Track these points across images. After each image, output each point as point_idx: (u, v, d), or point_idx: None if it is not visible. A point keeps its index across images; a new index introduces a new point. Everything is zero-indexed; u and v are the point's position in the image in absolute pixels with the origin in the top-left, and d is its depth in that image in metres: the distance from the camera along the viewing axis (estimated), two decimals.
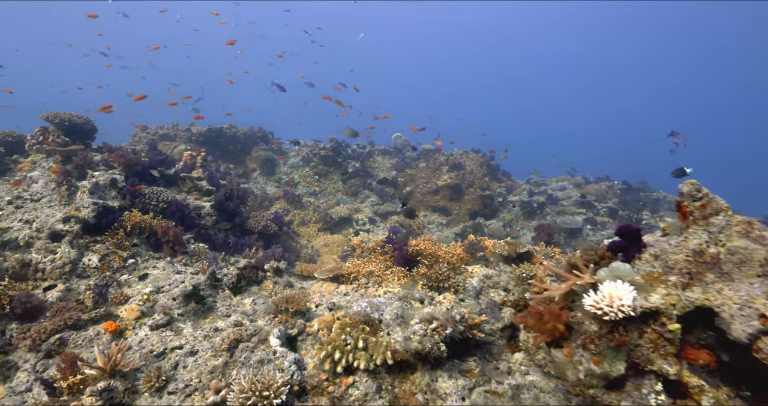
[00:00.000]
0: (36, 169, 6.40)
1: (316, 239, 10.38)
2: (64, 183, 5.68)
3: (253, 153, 14.00)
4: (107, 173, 6.22)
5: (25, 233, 5.12)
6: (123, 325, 4.21)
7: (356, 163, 14.22)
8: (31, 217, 5.32)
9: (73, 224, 5.27)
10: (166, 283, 4.92)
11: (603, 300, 2.24)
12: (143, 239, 5.77)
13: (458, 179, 13.06)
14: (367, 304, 4.11)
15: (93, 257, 5.20)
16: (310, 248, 9.52)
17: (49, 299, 4.65)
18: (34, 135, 6.64)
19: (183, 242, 5.93)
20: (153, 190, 6.53)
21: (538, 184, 14.98)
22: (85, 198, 5.60)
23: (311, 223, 11.11)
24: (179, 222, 6.58)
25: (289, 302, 4.31)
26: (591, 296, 2.33)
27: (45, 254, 5.03)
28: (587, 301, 2.33)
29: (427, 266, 4.77)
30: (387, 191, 13.27)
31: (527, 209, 12.19)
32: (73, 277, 5.03)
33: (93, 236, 5.39)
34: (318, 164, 13.88)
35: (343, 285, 4.94)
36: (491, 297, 4.50)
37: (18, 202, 5.57)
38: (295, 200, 12.11)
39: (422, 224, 11.49)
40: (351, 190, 13.14)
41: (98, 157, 6.70)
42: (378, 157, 15.77)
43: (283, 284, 5.36)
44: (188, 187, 7.55)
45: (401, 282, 4.63)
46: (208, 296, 4.90)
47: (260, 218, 8.30)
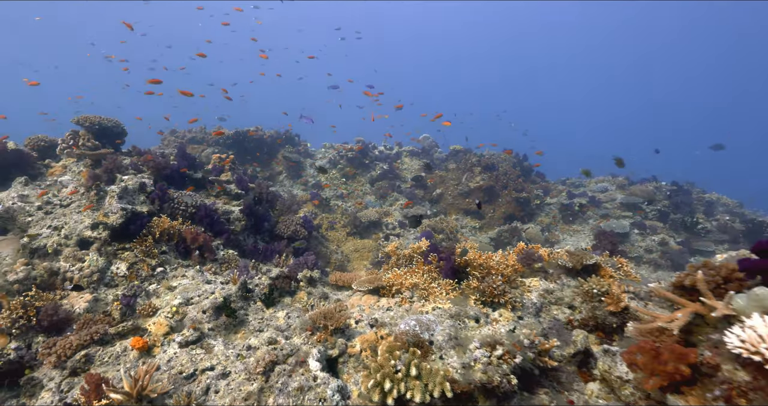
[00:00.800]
0: (66, 173, 6.28)
1: (345, 243, 10.01)
2: (93, 188, 5.49)
3: (279, 156, 13.81)
4: (136, 177, 6.02)
5: (54, 239, 4.93)
6: (151, 341, 3.90)
7: (384, 165, 13.80)
8: (60, 223, 5.14)
9: (101, 230, 5.05)
10: (196, 294, 4.61)
11: (760, 341, 1.69)
12: (172, 246, 5.51)
13: (491, 181, 12.43)
14: (415, 322, 3.64)
15: (121, 266, 4.97)
16: (340, 254, 9.15)
17: (77, 310, 4.42)
18: (65, 139, 6.54)
19: (212, 249, 5.64)
20: (182, 194, 6.29)
21: (577, 186, 14.13)
22: (114, 203, 5.39)
23: (340, 227, 10.75)
24: (208, 228, 6.31)
25: (328, 319, 3.89)
26: (736, 334, 1.79)
27: (73, 262, 4.82)
28: (731, 340, 1.79)
29: (478, 278, 4.26)
30: (417, 194, 12.77)
31: (567, 212, 11.42)
32: (101, 286, 4.80)
33: (121, 243, 5.16)
34: (345, 166, 13.54)
35: (384, 298, 4.49)
36: (554, 315, 3.94)
37: (47, 207, 5.42)
38: (322, 204, 11.80)
39: (455, 228, 10.93)
40: (379, 192, 12.73)
41: (127, 160, 6.54)
42: (406, 158, 15.31)
43: (317, 296, 4.97)
44: (217, 191, 7.31)
45: (450, 297, 4.14)
46: (239, 308, 4.56)
47: (289, 222, 7.98)
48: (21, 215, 5.29)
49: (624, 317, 3.54)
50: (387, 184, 13.05)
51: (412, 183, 13.33)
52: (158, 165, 6.38)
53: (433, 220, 11.39)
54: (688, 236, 9.83)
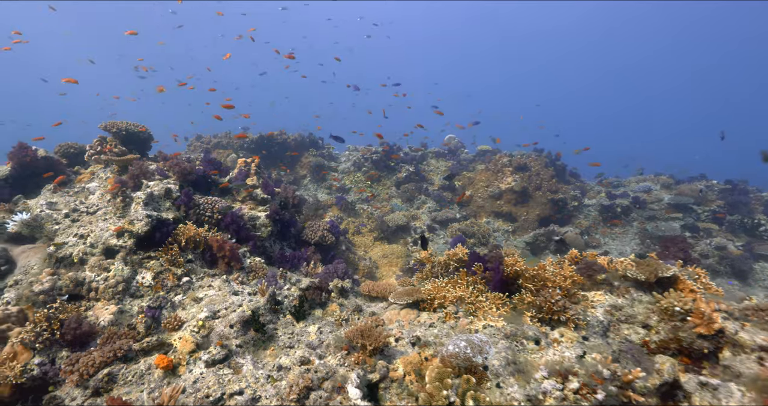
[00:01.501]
0: (94, 179, 6.19)
1: (372, 249, 9.64)
2: (119, 194, 5.33)
3: (303, 159, 13.62)
4: (162, 183, 5.84)
5: (80, 248, 4.77)
6: (176, 359, 3.62)
7: (410, 167, 13.39)
8: (86, 231, 4.98)
9: (126, 238, 4.86)
10: (223, 306, 4.33)
11: None
12: (198, 255, 5.28)
13: (524, 182, 11.80)
14: (466, 343, 3.20)
15: (147, 275, 4.75)
16: (368, 260, 8.78)
17: (101, 322, 4.22)
18: (93, 145, 6.46)
19: (239, 258, 5.37)
20: (208, 200, 6.08)
21: (615, 186, 13.28)
22: (140, 210, 5.21)
23: (366, 231, 10.39)
24: (234, 234, 6.07)
25: (366, 337, 3.51)
26: None
27: (98, 272, 4.64)
28: None
29: (532, 291, 3.77)
30: (445, 196, 12.29)
31: (608, 214, 10.66)
32: (126, 297, 4.59)
33: (147, 252, 4.96)
34: (370, 169, 13.22)
35: (425, 313, 4.07)
36: (625, 335, 3.42)
37: (74, 215, 5.29)
38: (348, 208, 11.49)
39: (487, 232, 10.38)
40: (405, 195, 12.31)
41: (153, 166, 6.39)
42: (432, 160, 14.84)
43: (351, 308, 4.59)
44: (243, 196, 7.08)
45: (501, 313, 3.67)
46: (268, 322, 4.24)
47: (316, 227, 7.68)
48: (48, 222, 5.18)
49: (718, 341, 2.98)
50: (413, 187, 12.62)
51: (440, 185, 12.86)
52: (183, 170, 6.20)
53: (463, 223, 10.88)
54: (750, 239, 8.94)
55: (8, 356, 3.81)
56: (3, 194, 5.58)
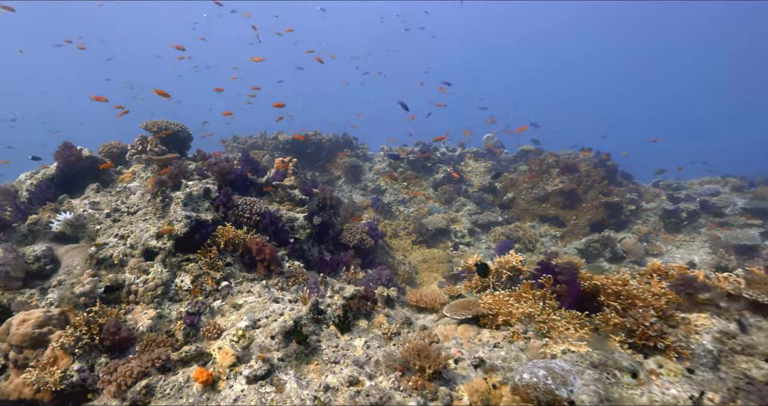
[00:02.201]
0: (135, 179, 6.13)
1: (411, 253, 9.20)
2: (159, 194, 5.20)
3: (338, 160, 13.40)
4: (201, 183, 5.68)
5: (120, 250, 4.64)
6: (215, 372, 3.34)
7: (447, 168, 12.85)
8: (126, 232, 4.86)
9: (165, 240, 4.69)
10: (263, 315, 4.04)
11: None
12: (237, 258, 5.05)
13: (573, 183, 10.98)
14: (545, 371, 2.70)
15: (185, 278, 4.55)
16: (408, 265, 8.35)
17: (140, 327, 4.03)
18: (134, 145, 6.43)
19: (279, 261, 5.10)
20: (246, 200, 5.87)
21: (675, 188, 12.15)
22: (179, 211, 5.04)
23: (404, 234, 9.97)
24: (273, 236, 5.82)
25: (423, 357, 3.08)
26: None
27: (138, 275, 4.48)
28: None
29: (618, 311, 3.21)
30: (486, 198, 11.67)
31: (671, 219, 9.68)
32: (165, 300, 4.40)
33: (185, 254, 4.77)
34: (406, 170, 12.80)
35: (486, 330, 3.59)
36: (743, 370, 2.79)
37: (115, 215, 5.20)
38: (384, 209, 11.11)
39: (533, 237, 9.69)
40: (444, 197, 11.79)
41: (192, 165, 6.27)
42: (470, 160, 14.23)
43: (399, 321, 4.18)
44: (281, 196, 6.85)
45: (581, 335, 3.13)
46: (310, 333, 3.91)
47: (355, 230, 7.34)
48: (91, 222, 5.11)
49: None
50: (452, 188, 12.08)
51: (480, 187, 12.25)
52: (222, 169, 6.03)
53: (506, 227, 10.24)
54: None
55: (49, 360, 3.68)
56: (49, 194, 5.59)
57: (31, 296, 4.70)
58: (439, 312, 4.44)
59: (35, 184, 5.72)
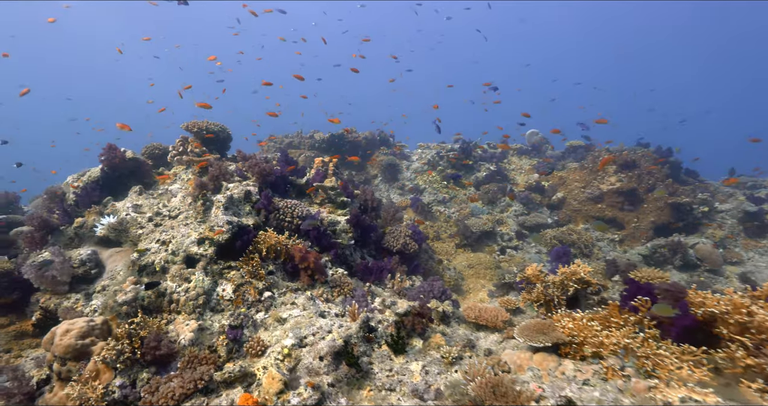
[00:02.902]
0: (176, 181, 6.00)
1: (455, 257, 8.67)
2: (199, 197, 4.99)
3: (374, 158, 13.02)
4: (241, 185, 5.44)
5: (161, 256, 4.46)
6: (261, 399, 3.02)
7: (490, 166, 12.16)
8: (168, 237, 4.68)
9: (207, 246, 4.46)
10: (310, 331, 3.69)
11: None
12: (279, 265, 4.75)
13: (632, 182, 10.00)
14: None
15: (227, 287, 4.30)
16: (453, 270, 7.83)
17: (181, 341, 3.80)
18: (175, 146, 6.31)
19: (323, 270, 4.76)
20: (287, 203, 5.58)
21: (752, 187, 10.83)
22: (220, 215, 4.81)
23: (446, 237, 9.45)
24: (315, 241, 5.50)
25: (500, 395, 2.59)
26: None
27: (179, 283, 4.27)
28: None
29: (748, 348, 2.58)
30: (533, 198, 10.89)
31: (753, 222, 8.56)
32: (207, 311, 4.17)
33: (227, 261, 4.52)
34: (446, 168, 12.22)
35: (569, 361, 3.04)
36: None
37: (157, 219, 5.04)
38: (423, 210, 10.62)
39: (590, 241, 8.87)
40: (487, 197, 11.13)
41: (232, 166, 6.06)
42: (513, 157, 13.43)
43: (460, 343, 3.71)
44: (321, 198, 6.54)
45: (700, 377, 2.53)
46: (362, 354, 3.52)
47: (398, 234, 6.91)
48: (133, 226, 4.99)
49: None
50: (496, 188, 11.38)
51: (527, 186, 11.47)
52: (263, 171, 5.77)
53: (558, 230, 9.46)
54: None
55: (91, 374, 3.51)
56: (94, 196, 5.54)
57: (76, 302, 4.62)
58: (503, 332, 3.93)
59: (81, 186, 5.70)
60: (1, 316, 4.70)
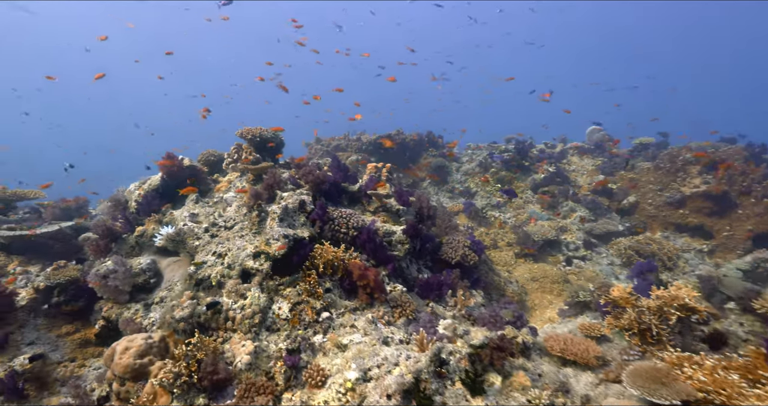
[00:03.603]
0: (231, 189, 5.90)
1: (516, 268, 8.00)
2: (254, 208, 4.80)
3: (422, 160, 12.53)
4: (296, 194, 5.20)
5: (217, 270, 4.29)
6: None
7: (548, 167, 11.25)
8: (224, 249, 4.52)
9: (263, 261, 4.23)
10: (374, 362, 3.32)
11: None
12: (336, 282, 4.44)
13: (723, 184, 8.74)
14: None
15: (283, 305, 4.04)
16: (515, 284, 7.19)
17: (238, 365, 3.58)
18: (230, 153, 6.23)
19: (383, 288, 4.38)
20: (342, 213, 5.27)
21: None
22: (275, 227, 4.58)
23: (503, 245, 8.77)
24: (371, 254, 5.15)
25: None
26: None
27: (235, 299, 4.08)
28: None
29: None
30: (601, 202, 9.90)
31: None
32: (262, 330, 3.93)
33: (283, 276, 4.28)
34: (499, 170, 11.47)
35: None
36: None
37: (213, 230, 4.92)
38: (477, 215, 9.99)
39: (673, 252, 7.82)
40: (546, 201, 10.28)
41: (286, 174, 5.86)
42: (573, 157, 12.39)
43: (551, 386, 3.17)
44: (375, 206, 6.18)
45: None
46: (433, 392, 3.09)
47: (456, 244, 6.40)
48: (190, 237, 4.90)
49: None
50: (556, 191, 10.49)
51: (591, 188, 10.46)
52: (317, 179, 5.51)
53: (632, 239, 8.46)
54: None
55: (148, 397, 3.37)
56: (154, 205, 5.56)
57: (135, 312, 4.59)
58: (598, 371, 3.32)
59: (142, 194, 5.75)
60: (68, 323, 4.78)
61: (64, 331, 4.66)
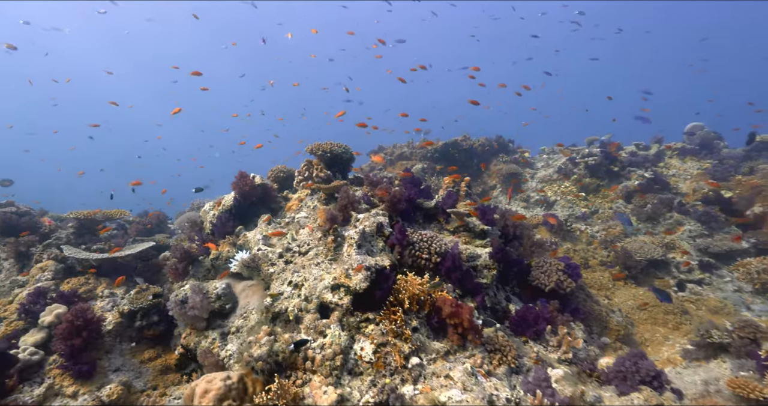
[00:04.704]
0: (302, 209, 5.64)
1: (614, 293, 6.90)
2: (330, 232, 4.44)
3: (493, 167, 11.65)
4: (372, 216, 4.77)
5: (294, 302, 3.97)
6: None
7: (644, 172, 9.82)
8: (300, 279, 4.19)
9: (342, 294, 3.83)
10: None
11: None
12: (423, 320, 3.91)
13: None
14: None
15: (366, 346, 3.59)
16: (619, 314, 6.15)
17: None
18: (300, 171, 5.99)
19: (478, 329, 3.76)
20: (422, 236, 4.74)
21: None
22: (353, 255, 4.17)
23: (596, 264, 7.68)
24: (456, 284, 4.55)
25: None
26: None
27: (314, 336, 3.71)
28: None
29: None
30: (716, 214, 8.34)
31: None
32: (344, 374, 3.51)
33: (364, 312, 3.83)
34: (583, 176, 10.25)
35: None
36: None
37: (287, 255, 4.64)
38: (559, 228, 8.94)
39: None
40: (644, 212, 8.92)
41: (359, 192, 5.48)
42: (672, 160, 10.75)
43: None
44: (455, 226, 5.57)
45: None
46: None
47: (548, 267, 5.58)
48: (264, 264, 4.66)
49: None
50: (656, 200, 9.07)
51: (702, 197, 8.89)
52: (394, 198, 5.04)
53: (765, 259, 6.93)
54: None
55: None
56: (228, 227, 5.46)
57: (213, 342, 4.43)
58: None
59: (216, 215, 5.70)
60: (150, 348, 4.77)
61: (146, 356, 4.63)
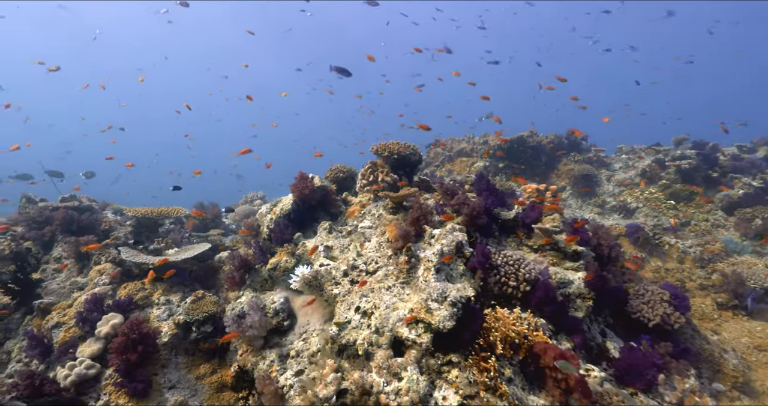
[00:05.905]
0: (365, 216, 5.12)
1: (721, 326, 5.84)
2: (403, 252, 3.87)
3: (562, 166, 10.53)
4: (449, 233, 4.13)
5: (364, 335, 3.47)
6: None
7: (751, 180, 8.37)
8: (369, 305, 3.68)
9: (421, 331, 3.26)
10: None
11: None
12: (517, 367, 3.26)
13: None
14: None
15: (449, 395, 3.02)
16: (732, 355, 5.14)
17: None
18: (364, 174, 5.46)
19: (586, 384, 3.06)
20: (508, 259, 4.04)
21: None
22: (431, 281, 3.58)
23: (693, 287, 6.58)
24: (549, 319, 3.84)
25: None
26: None
27: (387, 378, 3.18)
28: None
29: None
30: None
31: None
32: None
33: (446, 352, 3.25)
34: (673, 182, 8.94)
35: None
36: None
37: (353, 273, 4.15)
38: (645, 241, 7.82)
39: None
40: (752, 226, 7.57)
41: (431, 201, 4.86)
42: None
43: None
44: (540, 243, 4.81)
45: None
46: None
47: (650, 297, 4.70)
48: (328, 282, 4.20)
49: None
50: (764, 211, 7.68)
51: None
52: (473, 211, 4.37)
53: None
54: None
55: None
56: (286, 233, 5.07)
57: (271, 364, 4.06)
58: None
59: (273, 220, 5.33)
60: (205, 362, 4.51)
61: (202, 371, 4.38)
